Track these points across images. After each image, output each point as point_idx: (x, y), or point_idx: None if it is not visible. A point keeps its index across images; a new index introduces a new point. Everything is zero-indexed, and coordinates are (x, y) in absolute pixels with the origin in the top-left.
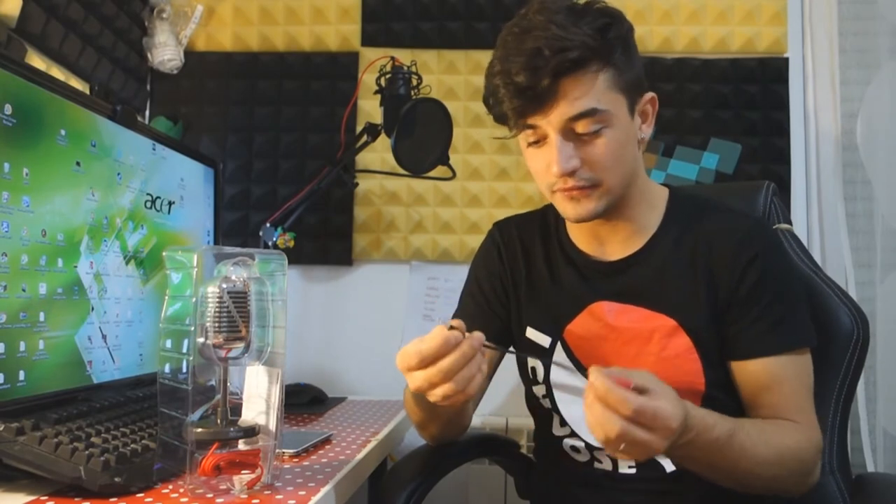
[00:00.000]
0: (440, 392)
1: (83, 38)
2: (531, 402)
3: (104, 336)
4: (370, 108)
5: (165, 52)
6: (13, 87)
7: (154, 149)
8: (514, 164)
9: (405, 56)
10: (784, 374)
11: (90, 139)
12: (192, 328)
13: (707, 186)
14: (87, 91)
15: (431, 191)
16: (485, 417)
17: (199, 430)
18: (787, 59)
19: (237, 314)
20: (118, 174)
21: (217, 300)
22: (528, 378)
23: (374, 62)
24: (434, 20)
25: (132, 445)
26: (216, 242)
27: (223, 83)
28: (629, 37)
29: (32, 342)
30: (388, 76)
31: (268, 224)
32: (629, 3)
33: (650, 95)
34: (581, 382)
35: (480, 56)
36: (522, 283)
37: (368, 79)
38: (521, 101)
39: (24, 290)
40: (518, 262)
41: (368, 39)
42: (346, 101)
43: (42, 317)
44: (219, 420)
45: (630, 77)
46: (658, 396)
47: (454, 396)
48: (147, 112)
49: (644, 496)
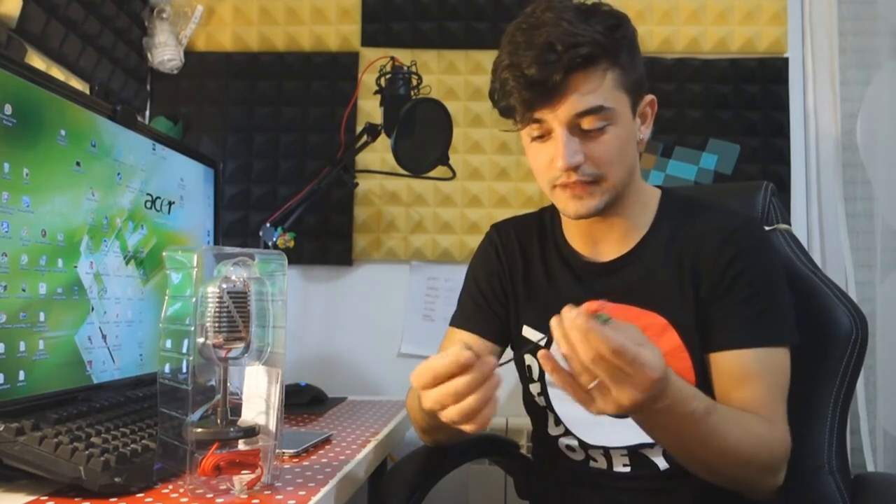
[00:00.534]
0: (447, 415)
1: (83, 38)
2: (527, 402)
3: (104, 336)
4: (370, 108)
5: (165, 52)
6: (13, 87)
7: (154, 149)
8: (514, 164)
9: (405, 56)
10: (757, 370)
11: (90, 139)
12: (192, 328)
13: (705, 187)
14: (87, 91)
15: (431, 191)
16: None
17: (199, 430)
18: (787, 59)
19: (237, 314)
20: (118, 174)
21: (217, 300)
22: (525, 376)
23: (374, 62)
24: (434, 20)
25: (132, 445)
26: (216, 242)
27: (223, 83)
28: (634, 39)
29: (32, 342)
30: (388, 76)
31: (268, 224)
32: (629, 3)
33: (650, 98)
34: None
35: (480, 56)
36: (520, 283)
37: (368, 79)
38: (531, 94)
39: (24, 290)
40: (516, 263)
41: (368, 39)
42: (346, 101)
43: (42, 317)
44: (219, 420)
45: (634, 78)
46: (643, 346)
47: (461, 423)
48: (147, 112)
49: (639, 494)
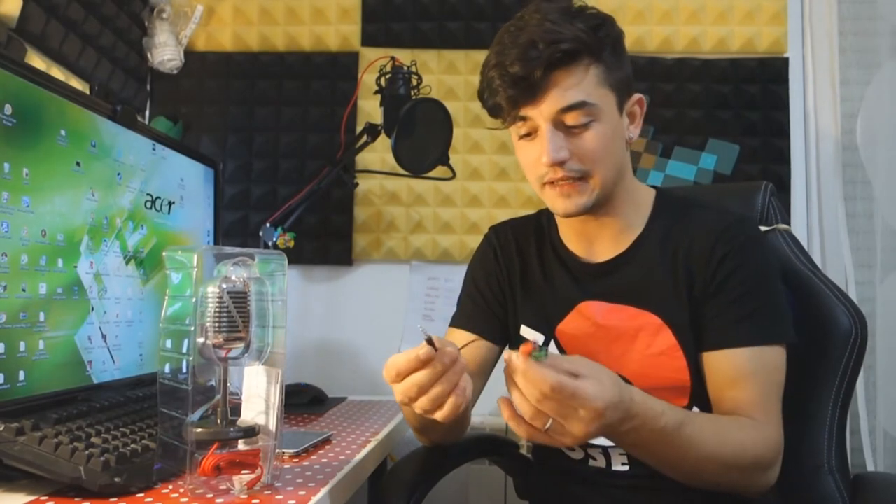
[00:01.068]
0: (418, 406)
1: (83, 38)
2: None
3: (104, 336)
4: (370, 108)
5: (165, 52)
6: (13, 87)
7: (154, 149)
8: (514, 165)
9: (405, 56)
10: (750, 369)
11: (90, 139)
12: (192, 328)
13: (705, 187)
14: (87, 91)
15: (431, 191)
16: (484, 417)
17: (199, 430)
18: (787, 59)
19: (237, 314)
20: (118, 174)
21: (217, 300)
22: None
23: (374, 62)
24: (434, 20)
25: (132, 445)
26: (216, 242)
27: (223, 83)
28: (619, 39)
29: (32, 342)
30: (388, 76)
31: (268, 224)
32: (629, 3)
33: (638, 96)
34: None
35: (480, 56)
36: (518, 284)
37: (368, 79)
38: (515, 92)
39: (24, 290)
40: (514, 264)
41: (368, 39)
42: (346, 101)
43: (42, 317)
44: (219, 420)
45: (620, 76)
46: (584, 379)
47: (432, 412)
48: (147, 112)
49: (638, 492)
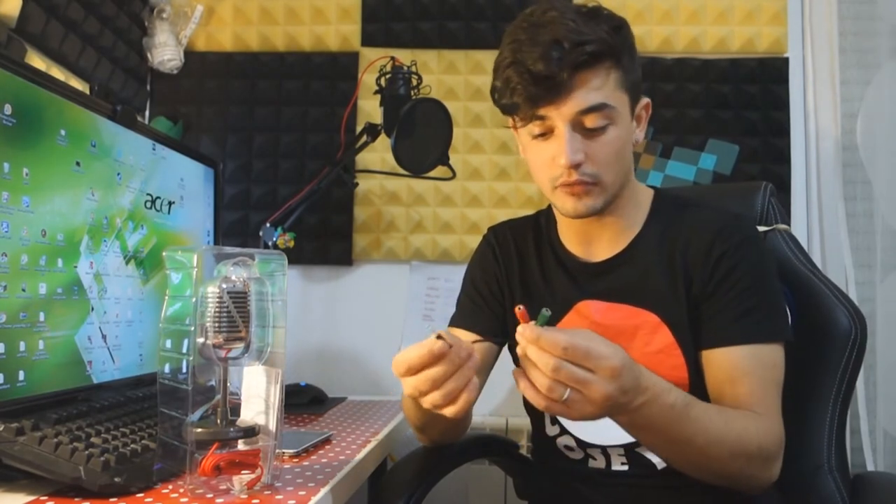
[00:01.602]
0: (429, 400)
1: (83, 38)
2: (526, 402)
3: (104, 336)
4: (370, 108)
5: (165, 52)
6: (13, 87)
7: (154, 149)
8: (514, 165)
9: (405, 56)
10: (748, 366)
11: (90, 139)
12: (192, 328)
13: (704, 187)
14: (87, 91)
15: (431, 191)
16: (485, 417)
17: (199, 430)
18: (787, 59)
19: (237, 314)
20: (118, 174)
21: (217, 300)
22: None
23: (374, 62)
24: (434, 20)
25: (132, 445)
26: (216, 242)
27: (223, 83)
28: (634, 41)
29: (32, 342)
30: (388, 76)
31: (268, 224)
32: (629, 3)
33: (646, 101)
34: None
35: (480, 56)
36: (517, 284)
37: (368, 79)
38: (537, 90)
39: (24, 290)
40: (512, 264)
41: (368, 39)
42: (346, 101)
43: (42, 317)
44: (219, 420)
45: (633, 79)
46: (594, 339)
47: (443, 407)
48: (147, 112)
49: (638, 490)
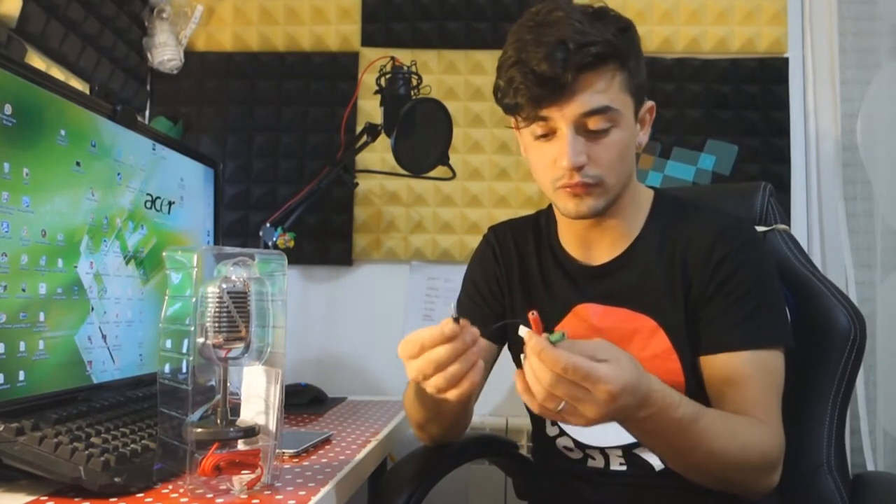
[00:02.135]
0: (433, 384)
1: (83, 38)
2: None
3: (104, 336)
4: (370, 108)
5: (165, 52)
6: (13, 87)
7: (154, 149)
8: (514, 165)
9: (405, 56)
10: (748, 372)
11: (90, 139)
12: (192, 328)
13: (704, 188)
14: (87, 91)
15: (431, 191)
16: (484, 417)
17: (199, 430)
18: (787, 59)
19: (237, 314)
20: (118, 174)
21: (217, 300)
22: None
23: (374, 62)
24: (434, 20)
25: (132, 445)
26: (216, 242)
27: (223, 83)
28: (640, 43)
29: (32, 342)
30: (388, 76)
31: (268, 224)
32: (629, 3)
33: (650, 104)
34: None
35: (480, 56)
36: (517, 285)
37: (368, 79)
38: (540, 91)
39: (24, 290)
40: (512, 264)
41: (368, 39)
42: (346, 101)
43: (42, 317)
44: (219, 420)
45: (638, 82)
46: (601, 361)
47: (446, 390)
48: (147, 112)
49: (637, 489)
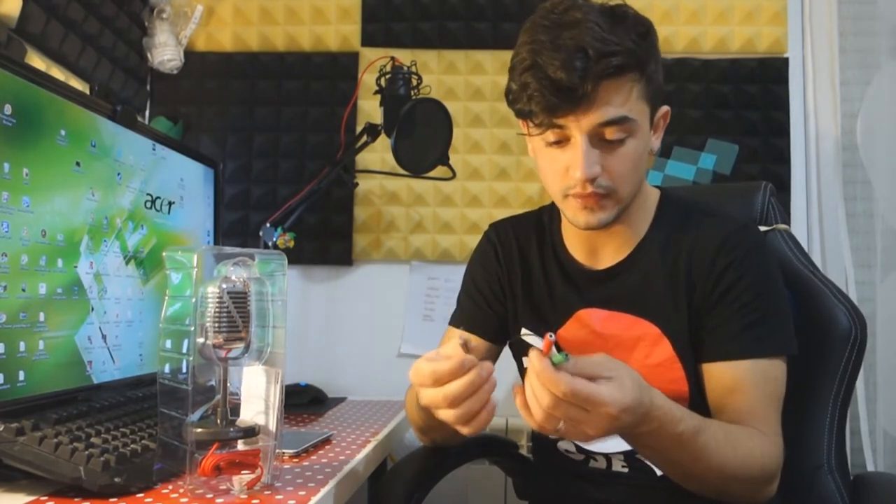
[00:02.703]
0: (444, 415)
1: (83, 38)
2: None
3: (104, 336)
4: (370, 108)
5: (165, 52)
6: (13, 87)
7: (154, 149)
8: (514, 165)
9: (405, 56)
10: (749, 381)
11: (90, 139)
12: (192, 328)
13: (704, 188)
14: (87, 91)
15: (431, 191)
16: None
17: (199, 431)
18: (787, 59)
19: (237, 314)
20: (118, 174)
21: (217, 300)
22: (522, 378)
23: (374, 62)
24: (434, 20)
25: (132, 445)
26: (216, 242)
27: (223, 83)
28: (659, 46)
29: (32, 342)
30: (388, 76)
31: (268, 224)
32: (630, 4)
33: (665, 109)
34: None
35: (480, 56)
36: (518, 286)
37: (368, 79)
38: (557, 100)
39: (24, 290)
40: (514, 263)
41: (368, 39)
42: (346, 101)
43: (42, 317)
44: (219, 420)
45: (655, 87)
46: (602, 382)
47: (458, 425)
48: (147, 112)
49: (638, 490)
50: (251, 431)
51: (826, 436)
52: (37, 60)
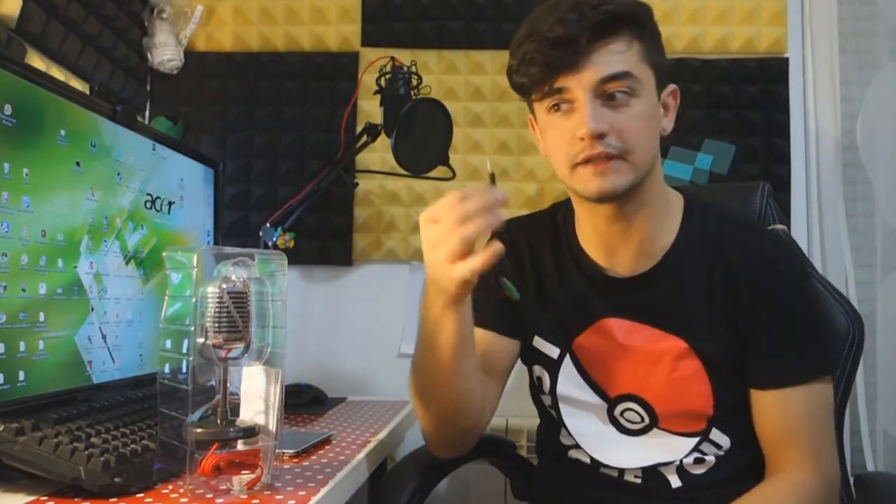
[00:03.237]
0: (447, 248)
1: (83, 38)
2: (540, 410)
3: (104, 336)
4: (370, 108)
5: (165, 53)
6: (13, 87)
7: (154, 149)
8: (514, 165)
9: (405, 56)
10: (803, 411)
11: (90, 139)
12: (192, 328)
13: (704, 187)
14: (87, 91)
15: (431, 191)
16: None
17: (199, 431)
18: (787, 59)
19: (237, 314)
20: (118, 174)
21: (217, 300)
22: (535, 387)
23: (374, 62)
24: (434, 20)
25: (132, 445)
26: (216, 242)
27: (223, 83)
28: (657, 25)
29: (32, 342)
30: (388, 76)
31: (268, 224)
32: None
33: (673, 87)
34: (588, 396)
35: (480, 56)
36: (531, 287)
37: (368, 79)
38: (555, 56)
39: (24, 290)
40: (525, 266)
41: (368, 39)
42: (346, 101)
43: (42, 317)
44: (219, 420)
45: (658, 59)
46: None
47: (458, 256)
48: (147, 112)
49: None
50: (251, 431)
51: None
52: (37, 60)
